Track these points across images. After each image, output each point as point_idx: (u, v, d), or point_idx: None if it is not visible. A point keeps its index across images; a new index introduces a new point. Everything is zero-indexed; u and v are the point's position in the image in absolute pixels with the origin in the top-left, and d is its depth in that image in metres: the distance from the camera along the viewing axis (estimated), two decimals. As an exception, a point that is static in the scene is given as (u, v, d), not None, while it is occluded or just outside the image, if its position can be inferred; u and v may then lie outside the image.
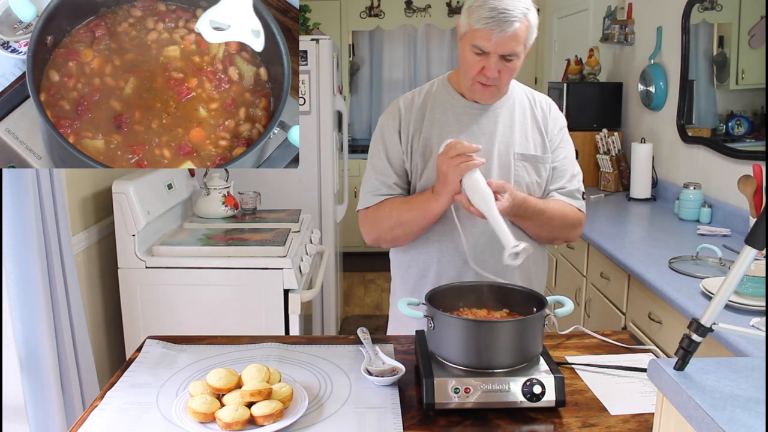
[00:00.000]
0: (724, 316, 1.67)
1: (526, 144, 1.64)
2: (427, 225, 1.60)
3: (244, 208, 2.94)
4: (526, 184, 1.63)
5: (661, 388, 0.97)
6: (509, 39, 1.48)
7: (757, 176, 2.36)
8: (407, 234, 1.62)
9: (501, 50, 1.49)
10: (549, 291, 3.35)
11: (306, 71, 3.49)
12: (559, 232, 1.68)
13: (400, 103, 1.68)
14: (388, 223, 1.61)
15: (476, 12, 1.47)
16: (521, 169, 1.63)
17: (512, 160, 1.62)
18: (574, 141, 4.02)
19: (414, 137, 1.64)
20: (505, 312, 1.42)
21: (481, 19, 1.46)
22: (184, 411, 1.24)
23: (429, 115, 1.64)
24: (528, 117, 1.67)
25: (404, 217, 1.59)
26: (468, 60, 1.54)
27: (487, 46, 1.48)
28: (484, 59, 1.51)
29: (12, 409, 1.90)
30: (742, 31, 2.72)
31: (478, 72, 1.54)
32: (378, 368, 1.41)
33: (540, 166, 1.65)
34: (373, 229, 1.65)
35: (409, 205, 1.59)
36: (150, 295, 2.39)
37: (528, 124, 1.66)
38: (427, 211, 1.55)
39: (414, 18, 5.92)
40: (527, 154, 1.64)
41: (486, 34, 1.47)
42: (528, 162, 1.64)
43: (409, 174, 1.66)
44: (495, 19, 1.45)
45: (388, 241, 1.66)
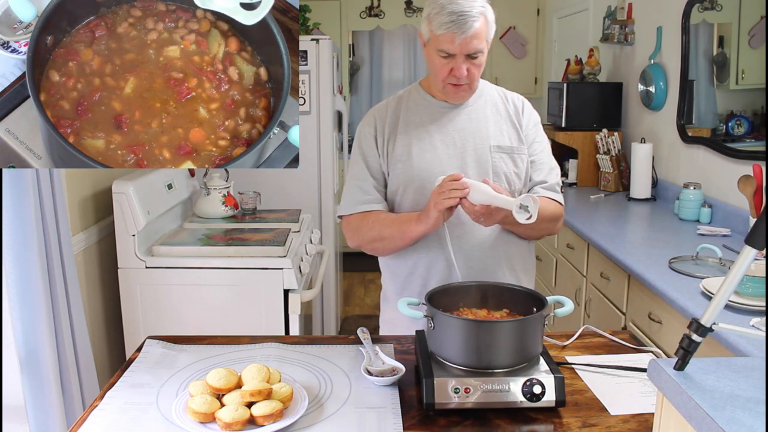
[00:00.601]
0: (724, 316, 1.67)
1: (501, 137, 1.69)
2: (404, 245, 1.65)
3: (244, 208, 2.94)
4: (505, 173, 1.67)
5: (661, 388, 0.97)
6: (471, 38, 1.53)
7: (757, 176, 2.36)
8: (386, 249, 1.68)
9: (466, 50, 1.55)
10: (549, 291, 3.35)
11: (306, 71, 3.49)
12: (546, 229, 1.73)
13: (375, 111, 1.75)
14: (369, 235, 1.66)
15: (436, 18, 1.53)
16: (498, 160, 1.67)
17: (489, 152, 1.67)
18: (574, 141, 4.02)
19: (390, 140, 1.68)
20: (505, 312, 1.42)
21: (442, 25, 1.52)
22: (184, 411, 1.24)
23: (404, 118, 1.70)
24: (501, 112, 1.72)
25: (385, 232, 1.64)
26: (436, 64, 1.60)
27: (451, 48, 1.54)
28: (451, 61, 1.57)
29: (12, 409, 1.90)
30: (742, 31, 2.72)
31: (447, 74, 1.60)
32: (378, 368, 1.41)
33: (516, 157, 1.70)
34: (355, 236, 1.70)
35: (391, 221, 1.65)
36: (150, 295, 2.39)
37: (501, 119, 1.71)
38: (406, 233, 1.60)
39: (414, 18, 5.92)
40: (503, 146, 1.69)
41: (449, 37, 1.53)
42: (504, 153, 1.68)
43: (386, 177, 1.70)
44: (455, 23, 1.51)
45: (369, 250, 1.71)
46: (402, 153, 1.66)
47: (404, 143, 1.67)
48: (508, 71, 5.74)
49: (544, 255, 3.50)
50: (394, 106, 1.73)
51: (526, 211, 1.40)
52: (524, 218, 1.40)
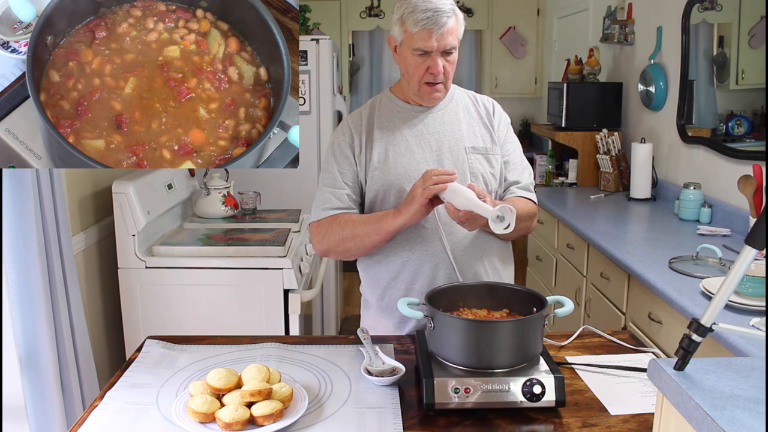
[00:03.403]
0: (724, 316, 1.67)
1: (474, 138, 1.71)
2: (378, 242, 1.64)
3: (244, 208, 2.94)
4: (481, 174, 1.69)
5: (661, 388, 0.97)
6: (447, 34, 1.57)
7: (757, 176, 2.36)
8: (357, 248, 1.66)
9: (441, 47, 1.58)
10: (549, 291, 3.35)
11: (306, 71, 3.49)
12: (524, 228, 1.74)
13: (348, 120, 1.75)
14: (340, 235, 1.65)
15: (410, 17, 1.57)
16: (474, 161, 1.69)
17: (465, 153, 1.69)
18: (574, 141, 4.02)
19: (366, 147, 1.69)
20: (505, 312, 1.42)
21: (418, 22, 1.56)
22: (184, 411, 1.24)
23: (377, 124, 1.71)
24: (473, 114, 1.74)
25: (358, 230, 1.63)
26: (411, 64, 1.62)
27: (428, 45, 1.57)
28: (427, 59, 1.60)
29: (12, 409, 1.90)
30: (742, 31, 2.72)
31: (424, 73, 1.62)
32: (378, 368, 1.41)
33: (491, 157, 1.72)
34: (323, 240, 1.69)
35: (366, 219, 1.65)
36: (150, 295, 2.39)
37: (473, 121, 1.73)
38: (382, 228, 1.60)
39: (414, 18, 5.92)
40: (477, 147, 1.71)
41: (425, 34, 1.56)
42: (479, 154, 1.70)
43: (362, 185, 1.70)
44: (431, 19, 1.55)
45: (338, 252, 1.69)
46: (379, 160, 1.67)
47: (380, 150, 1.68)
48: (508, 71, 5.74)
49: (544, 255, 3.50)
50: (367, 114, 1.74)
51: (501, 220, 1.41)
52: (501, 228, 1.41)
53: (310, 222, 1.73)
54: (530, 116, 5.94)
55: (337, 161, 1.71)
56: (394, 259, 1.68)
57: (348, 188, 1.69)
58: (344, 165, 1.70)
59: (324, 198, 1.70)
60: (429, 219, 1.63)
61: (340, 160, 1.71)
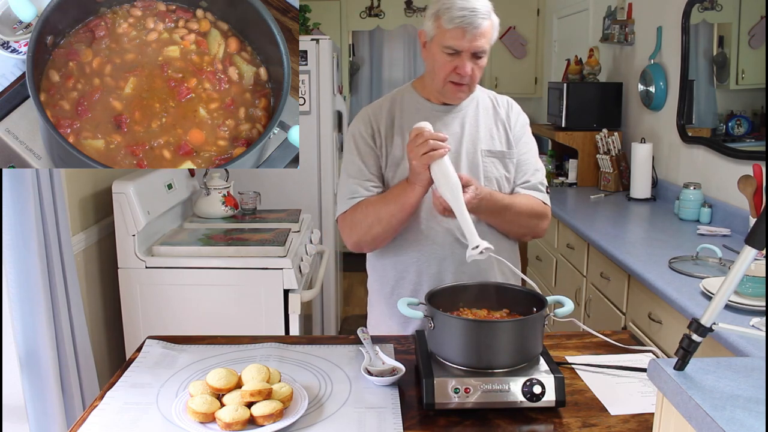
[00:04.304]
0: (724, 316, 1.67)
1: (492, 141, 1.70)
2: (405, 218, 1.60)
3: (244, 208, 2.94)
4: (495, 178, 1.68)
5: (661, 388, 0.97)
6: (480, 36, 1.55)
7: (757, 176, 2.36)
8: (386, 231, 1.62)
9: (473, 48, 1.56)
10: (549, 291, 3.35)
11: (306, 71, 3.48)
12: (527, 226, 1.72)
13: (369, 110, 1.73)
14: (366, 223, 1.62)
15: (446, 14, 1.55)
16: (489, 165, 1.68)
17: (480, 156, 1.67)
18: (574, 141, 4.02)
19: (387, 142, 1.67)
20: (505, 312, 1.42)
21: (453, 19, 1.53)
22: (184, 411, 1.24)
23: (398, 120, 1.69)
24: (492, 115, 1.73)
25: (382, 212, 1.60)
26: (439, 62, 1.60)
27: (459, 45, 1.55)
28: (456, 59, 1.57)
29: (12, 409, 1.90)
30: (742, 31, 2.72)
31: (450, 72, 1.60)
32: (378, 368, 1.41)
33: (507, 161, 1.71)
34: (353, 232, 1.66)
35: (385, 200, 1.61)
36: (150, 295, 2.39)
37: (492, 122, 1.72)
38: (405, 203, 1.57)
39: (414, 18, 5.92)
40: (494, 150, 1.69)
41: (458, 33, 1.54)
42: (495, 158, 1.69)
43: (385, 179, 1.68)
44: (467, 18, 1.52)
45: (368, 242, 1.66)
46: (398, 156, 1.66)
47: (400, 146, 1.66)
48: (508, 71, 5.73)
49: (544, 255, 3.50)
50: (388, 108, 1.71)
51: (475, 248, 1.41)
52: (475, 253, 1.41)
53: (338, 215, 1.70)
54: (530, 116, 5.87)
55: (360, 151, 1.68)
56: (403, 259, 1.68)
57: (373, 176, 1.67)
58: (368, 155, 1.67)
59: (350, 189, 1.67)
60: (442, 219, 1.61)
61: (363, 150, 1.68)
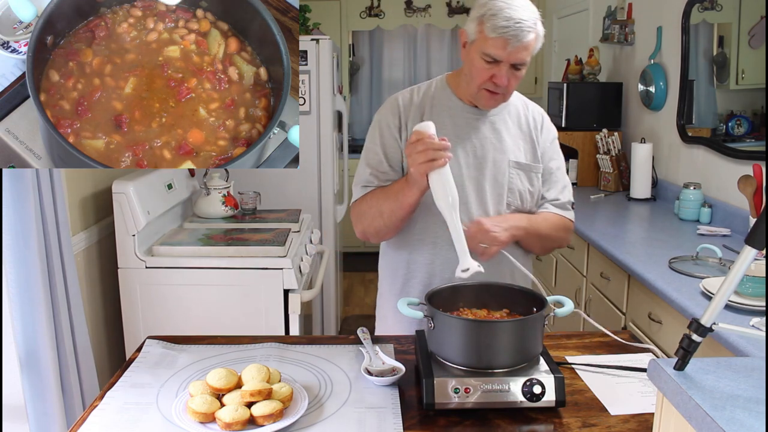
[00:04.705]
0: (724, 316, 1.67)
1: (518, 152, 1.66)
2: (405, 215, 1.58)
3: (244, 208, 2.94)
4: (519, 191, 1.65)
5: (661, 388, 0.97)
6: (522, 49, 1.49)
7: (757, 176, 2.36)
8: (388, 226, 1.61)
9: (513, 59, 1.51)
10: (549, 291, 3.35)
11: (306, 71, 3.48)
12: (552, 247, 1.75)
13: (399, 100, 1.68)
14: (370, 214, 1.61)
15: (490, 21, 1.48)
16: (515, 177, 1.65)
17: (507, 167, 1.64)
18: (574, 141, 4.02)
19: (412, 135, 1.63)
20: (505, 312, 1.42)
21: (496, 28, 1.47)
22: (184, 411, 1.24)
23: (427, 115, 1.64)
24: (521, 125, 1.69)
25: (383, 207, 1.58)
26: (477, 67, 1.54)
27: (500, 55, 1.50)
28: (495, 67, 1.52)
29: (12, 409, 1.90)
30: (742, 31, 2.72)
31: (486, 80, 1.54)
32: (378, 368, 1.41)
33: (532, 175, 1.68)
34: (359, 221, 1.65)
35: (386, 194, 1.58)
36: (150, 295, 2.39)
37: (520, 133, 1.68)
38: (403, 202, 1.54)
39: (414, 18, 5.92)
40: (521, 162, 1.66)
41: (500, 43, 1.48)
42: (521, 170, 1.66)
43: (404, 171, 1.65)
44: (511, 29, 1.46)
45: (372, 233, 1.64)
46: None
47: None
48: (508, 71, 5.72)
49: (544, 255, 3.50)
50: (418, 101, 1.66)
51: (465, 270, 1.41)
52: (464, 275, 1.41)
53: (352, 202, 1.68)
54: (530, 116, 5.92)
55: (383, 140, 1.65)
56: (416, 258, 1.67)
57: (391, 170, 1.64)
58: (390, 146, 1.64)
59: (366, 178, 1.65)
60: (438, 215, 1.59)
61: (387, 140, 1.65)
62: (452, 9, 5.88)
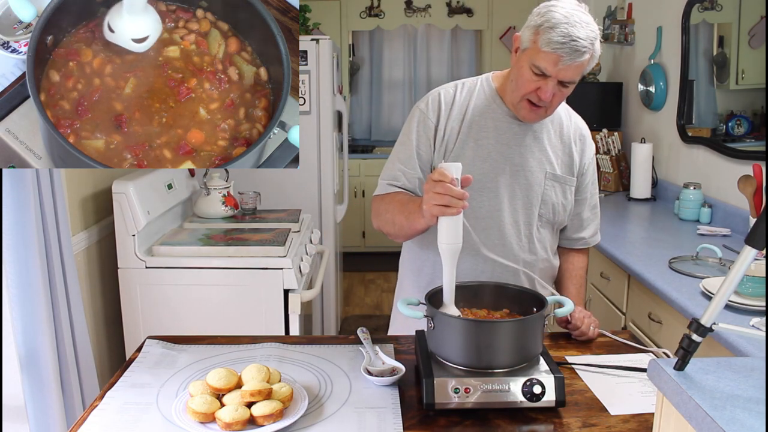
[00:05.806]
0: (724, 316, 1.67)
1: (556, 165, 1.63)
2: (413, 235, 1.58)
3: (244, 208, 2.94)
4: (553, 203, 1.63)
5: (661, 388, 0.97)
6: (574, 68, 1.44)
7: (757, 176, 2.36)
8: (398, 236, 1.61)
9: (562, 77, 1.45)
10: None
11: (306, 71, 3.48)
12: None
13: (442, 97, 1.63)
14: (384, 218, 1.61)
15: (546, 33, 1.42)
16: (550, 189, 1.62)
17: (544, 178, 1.61)
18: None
19: (451, 136, 1.60)
20: (505, 312, 1.42)
21: (551, 42, 1.41)
22: (184, 411, 1.24)
23: (469, 117, 1.60)
24: (563, 137, 1.65)
25: (396, 218, 1.56)
26: (524, 77, 1.49)
27: (550, 70, 1.44)
28: (541, 81, 1.47)
29: (12, 409, 1.90)
30: (742, 31, 2.72)
31: (531, 91, 1.50)
32: (378, 368, 1.41)
33: (567, 188, 1.66)
34: (376, 218, 1.65)
35: (401, 208, 1.55)
36: (150, 295, 2.39)
37: (561, 144, 1.65)
38: (412, 224, 1.50)
39: (414, 18, 5.92)
40: (557, 175, 1.63)
41: (552, 58, 1.43)
42: (557, 182, 1.64)
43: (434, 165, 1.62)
44: (566, 46, 1.41)
45: (386, 233, 1.64)
46: (456, 156, 1.58)
47: (461, 146, 1.59)
48: (508, 71, 5.73)
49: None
50: (461, 101, 1.62)
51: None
52: None
53: (375, 194, 1.66)
54: (530, 116, 5.92)
55: (418, 138, 1.61)
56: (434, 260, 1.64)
57: (420, 170, 1.61)
58: (423, 145, 1.61)
59: (393, 174, 1.62)
60: (488, 237, 1.60)
61: (421, 138, 1.61)
62: (452, 9, 5.88)
